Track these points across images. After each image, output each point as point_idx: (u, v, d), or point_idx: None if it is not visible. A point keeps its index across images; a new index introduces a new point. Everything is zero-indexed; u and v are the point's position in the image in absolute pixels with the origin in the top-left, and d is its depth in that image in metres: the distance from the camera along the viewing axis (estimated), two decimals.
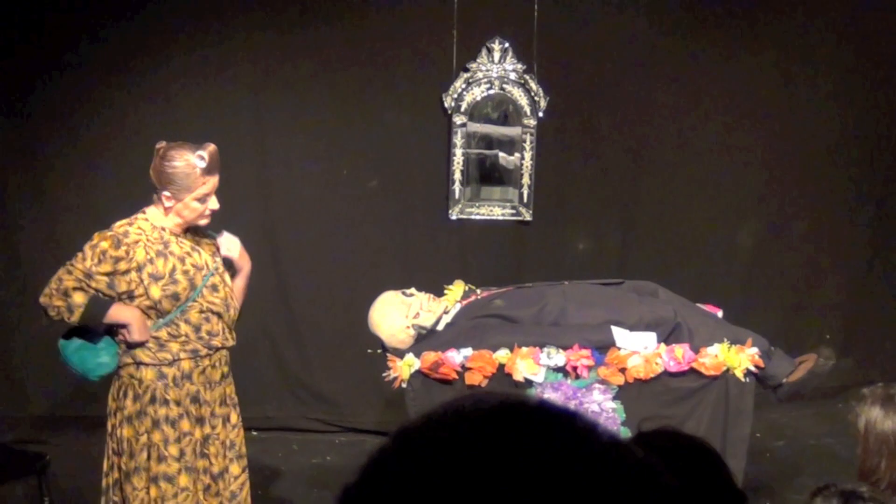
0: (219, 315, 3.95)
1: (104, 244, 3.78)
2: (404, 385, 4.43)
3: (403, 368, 4.43)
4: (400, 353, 4.51)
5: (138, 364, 3.85)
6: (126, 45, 5.95)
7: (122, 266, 3.78)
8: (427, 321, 4.65)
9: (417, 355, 4.44)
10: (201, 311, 3.90)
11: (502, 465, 0.72)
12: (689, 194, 6.45)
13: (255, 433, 6.21)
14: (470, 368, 4.40)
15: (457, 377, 4.41)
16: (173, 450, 3.86)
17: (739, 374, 4.45)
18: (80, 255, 3.80)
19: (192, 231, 3.99)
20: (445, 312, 4.72)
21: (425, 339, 4.61)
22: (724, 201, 6.51)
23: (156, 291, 3.81)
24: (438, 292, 4.86)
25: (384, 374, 4.50)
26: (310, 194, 6.23)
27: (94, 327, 3.84)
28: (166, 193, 3.81)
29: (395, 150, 6.22)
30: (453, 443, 0.74)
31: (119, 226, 3.85)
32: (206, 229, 4.03)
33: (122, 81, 5.99)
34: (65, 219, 5.95)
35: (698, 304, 4.86)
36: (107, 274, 3.78)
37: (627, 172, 6.44)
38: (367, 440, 6.17)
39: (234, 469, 4.05)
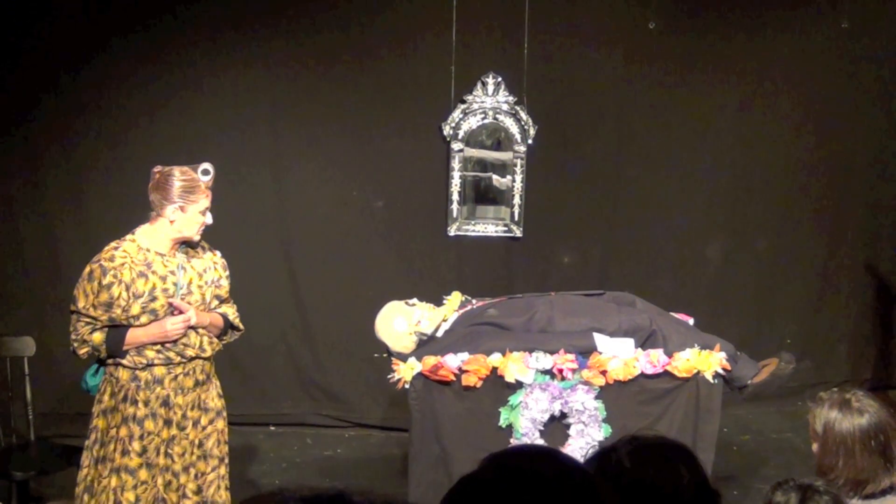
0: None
1: (95, 274, 3.72)
2: (407, 386, 4.41)
3: (406, 371, 4.41)
4: (403, 357, 4.49)
5: (117, 364, 3.81)
6: (149, 71, 5.93)
7: (115, 290, 3.71)
8: (427, 328, 4.64)
9: (419, 359, 4.42)
10: None
11: None
12: (663, 213, 6.45)
13: (272, 428, 6.21)
14: (466, 371, 4.38)
15: (454, 379, 4.39)
16: (136, 445, 3.78)
17: (709, 376, 4.44)
18: (78, 293, 3.75)
19: (190, 246, 3.90)
20: (444, 320, 4.71)
21: (426, 344, 4.59)
22: (695, 220, 6.52)
23: (136, 308, 3.73)
24: (438, 302, 4.85)
25: (389, 376, 4.48)
26: (323, 213, 6.23)
27: (118, 354, 3.79)
28: (172, 207, 3.74)
29: (399, 174, 6.22)
30: None
31: (107, 251, 3.77)
32: (198, 245, 3.93)
33: (147, 105, 5.98)
34: (100, 224, 5.85)
35: (672, 313, 4.85)
36: (105, 303, 3.71)
37: (608, 193, 6.44)
38: (374, 434, 6.17)
39: (201, 466, 3.94)
